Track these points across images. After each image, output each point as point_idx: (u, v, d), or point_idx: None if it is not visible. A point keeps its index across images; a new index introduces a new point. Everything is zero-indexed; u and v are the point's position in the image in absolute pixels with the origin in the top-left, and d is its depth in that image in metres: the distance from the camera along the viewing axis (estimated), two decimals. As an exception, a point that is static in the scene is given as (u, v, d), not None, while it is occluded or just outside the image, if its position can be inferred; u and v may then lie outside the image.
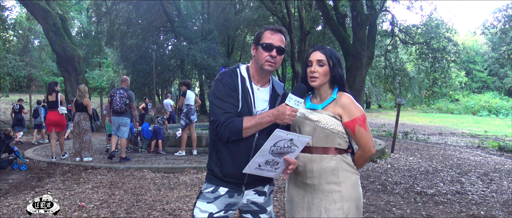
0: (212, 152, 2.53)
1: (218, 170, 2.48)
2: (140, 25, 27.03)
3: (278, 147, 2.27)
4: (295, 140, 2.27)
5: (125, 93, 9.25)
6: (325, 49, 2.56)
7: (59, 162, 9.20)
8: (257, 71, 2.51)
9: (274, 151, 2.28)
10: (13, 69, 21.75)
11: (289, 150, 2.32)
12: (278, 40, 2.45)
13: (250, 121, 2.33)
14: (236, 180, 2.47)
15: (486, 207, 6.09)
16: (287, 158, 2.34)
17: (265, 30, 2.49)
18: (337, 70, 2.54)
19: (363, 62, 18.35)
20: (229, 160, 2.45)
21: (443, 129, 24.36)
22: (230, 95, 2.42)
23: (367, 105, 45.26)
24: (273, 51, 2.42)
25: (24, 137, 15.69)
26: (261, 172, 2.39)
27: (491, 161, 10.81)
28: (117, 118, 9.32)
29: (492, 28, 21.72)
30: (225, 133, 2.36)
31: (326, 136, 2.49)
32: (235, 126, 2.34)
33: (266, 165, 2.35)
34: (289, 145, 2.29)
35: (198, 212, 2.49)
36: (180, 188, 6.91)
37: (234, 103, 2.41)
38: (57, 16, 19.57)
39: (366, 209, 5.80)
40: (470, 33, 52.31)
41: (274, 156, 2.31)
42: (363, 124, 2.46)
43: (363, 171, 8.81)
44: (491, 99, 42.49)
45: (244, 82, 2.49)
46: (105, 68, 44.46)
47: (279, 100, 2.52)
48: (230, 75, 2.49)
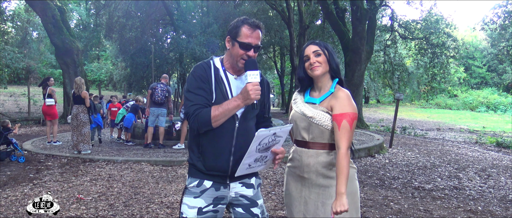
0: (193, 146, 2.49)
1: (200, 164, 2.43)
2: (139, 17, 26.91)
3: (263, 144, 2.28)
4: (278, 132, 2.29)
5: (165, 87, 10.38)
6: (317, 42, 2.60)
7: (57, 154, 9.20)
8: (231, 64, 2.46)
9: (260, 149, 2.29)
10: (11, 61, 21.65)
11: (274, 142, 2.34)
12: (256, 37, 2.38)
13: (218, 109, 2.29)
14: (220, 173, 2.43)
15: (483, 203, 6.11)
16: (274, 150, 2.38)
17: (242, 24, 2.38)
18: (333, 59, 2.58)
19: (362, 56, 18.36)
20: (211, 153, 2.40)
21: (441, 125, 24.42)
22: (200, 87, 2.38)
23: (366, 100, 45.29)
24: (251, 51, 2.37)
25: (22, 128, 15.67)
26: (252, 169, 2.41)
27: (489, 157, 10.83)
28: (157, 109, 10.31)
29: (491, 24, 21.72)
30: (194, 124, 2.33)
31: (321, 132, 2.51)
32: (202, 116, 2.30)
33: (256, 163, 2.37)
34: (273, 139, 2.30)
35: (187, 209, 2.42)
36: (179, 181, 6.92)
37: (204, 95, 2.36)
38: (56, 8, 19.49)
39: (364, 203, 5.81)
40: (469, 28, 52.45)
41: (261, 152, 2.33)
42: (351, 122, 2.44)
43: (361, 165, 8.83)
44: (490, 95, 42.57)
45: (218, 73, 2.44)
46: (104, 60, 44.37)
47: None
48: (202, 67, 2.44)
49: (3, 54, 21.56)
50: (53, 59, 32.93)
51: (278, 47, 33.06)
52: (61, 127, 16.14)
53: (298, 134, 2.61)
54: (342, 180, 2.36)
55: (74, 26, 32.86)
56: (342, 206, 2.32)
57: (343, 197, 2.33)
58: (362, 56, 18.36)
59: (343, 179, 2.36)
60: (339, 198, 2.34)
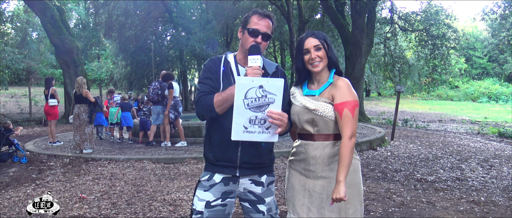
0: (206, 138, 2.59)
1: (211, 155, 2.53)
2: (138, 16, 26.83)
3: (251, 98, 2.21)
4: (265, 85, 2.20)
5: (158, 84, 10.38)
6: (316, 34, 2.58)
7: (59, 154, 9.21)
8: (244, 54, 2.51)
9: (250, 105, 2.21)
10: (11, 62, 21.70)
11: (266, 99, 2.22)
12: (265, 26, 2.45)
13: (220, 95, 2.35)
14: (228, 163, 2.48)
15: (486, 193, 6.10)
16: (271, 111, 2.23)
17: (253, 14, 2.49)
18: (332, 51, 2.57)
19: (362, 50, 18.34)
20: (219, 144, 2.48)
21: (443, 116, 24.38)
22: (208, 77, 2.49)
23: (367, 93, 45.19)
24: (259, 37, 2.43)
25: (24, 129, 15.68)
26: (253, 136, 2.29)
27: (491, 147, 10.82)
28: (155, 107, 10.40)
29: (492, 14, 21.61)
30: (199, 110, 2.44)
31: (325, 123, 2.50)
32: (206, 102, 2.39)
33: (253, 126, 2.26)
34: (263, 94, 2.21)
35: (197, 201, 2.53)
36: (181, 179, 6.93)
37: (211, 84, 2.46)
38: (55, 8, 19.47)
39: (367, 196, 5.81)
40: (470, 19, 52.17)
41: (254, 111, 2.23)
42: (352, 110, 2.44)
43: (363, 159, 8.82)
44: (491, 85, 42.41)
45: (228, 65, 2.53)
46: (104, 59, 44.31)
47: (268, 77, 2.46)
48: (213, 60, 2.57)
49: (3, 55, 21.60)
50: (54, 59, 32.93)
51: (278, 42, 32.97)
52: (63, 127, 16.17)
53: (301, 127, 2.60)
54: (342, 168, 2.37)
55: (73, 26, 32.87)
56: (338, 194, 2.33)
57: (340, 185, 2.34)
58: (362, 49, 18.33)
59: (343, 167, 2.36)
60: (336, 185, 2.36)
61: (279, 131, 2.30)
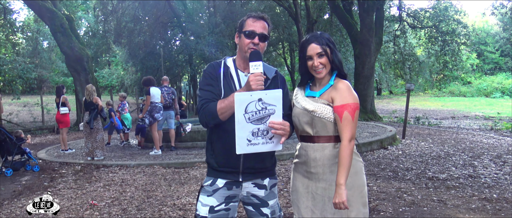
0: (208, 144, 2.61)
1: (213, 161, 2.54)
2: (147, 21, 27.00)
3: (252, 112, 2.23)
4: (264, 98, 2.22)
5: (170, 89, 10.65)
6: (319, 38, 2.54)
7: (71, 162, 9.28)
8: (242, 59, 2.53)
9: (251, 119, 2.23)
10: (23, 72, 21.90)
11: (267, 111, 2.25)
12: (261, 27, 2.47)
13: (223, 102, 2.35)
14: (231, 169, 2.49)
15: (498, 190, 6.02)
16: (272, 122, 2.26)
17: (247, 18, 2.51)
18: (335, 55, 2.54)
19: (372, 48, 18.25)
20: (222, 150, 2.49)
21: (456, 113, 24.15)
22: (209, 83, 2.49)
23: (378, 92, 44.98)
24: (255, 38, 2.44)
25: (37, 137, 15.85)
26: (257, 147, 2.31)
27: (504, 143, 10.68)
28: (166, 112, 10.39)
29: (501, 8, 21.38)
30: (203, 118, 2.43)
31: (324, 125, 2.49)
32: (209, 109, 2.38)
33: (257, 138, 2.28)
34: (263, 106, 2.23)
35: (200, 206, 2.53)
36: (191, 183, 6.94)
37: (212, 90, 2.46)
38: (64, 16, 19.64)
39: (377, 196, 5.77)
40: (480, 14, 51.57)
41: (255, 123, 2.25)
42: (353, 112, 2.43)
43: (373, 158, 8.76)
44: (504, 80, 41.87)
45: (227, 70, 2.53)
46: (114, 66, 44.63)
47: (268, 83, 2.50)
48: (212, 66, 2.57)
49: (15, 65, 21.81)
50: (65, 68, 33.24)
51: (287, 43, 32.91)
52: (75, 134, 16.30)
53: (302, 129, 2.59)
54: (341, 171, 2.36)
55: (83, 34, 33.09)
56: (339, 198, 2.32)
57: (341, 188, 2.33)
58: (371, 48, 18.24)
59: (343, 170, 2.35)
60: (337, 189, 2.35)
61: (283, 140, 2.35)
